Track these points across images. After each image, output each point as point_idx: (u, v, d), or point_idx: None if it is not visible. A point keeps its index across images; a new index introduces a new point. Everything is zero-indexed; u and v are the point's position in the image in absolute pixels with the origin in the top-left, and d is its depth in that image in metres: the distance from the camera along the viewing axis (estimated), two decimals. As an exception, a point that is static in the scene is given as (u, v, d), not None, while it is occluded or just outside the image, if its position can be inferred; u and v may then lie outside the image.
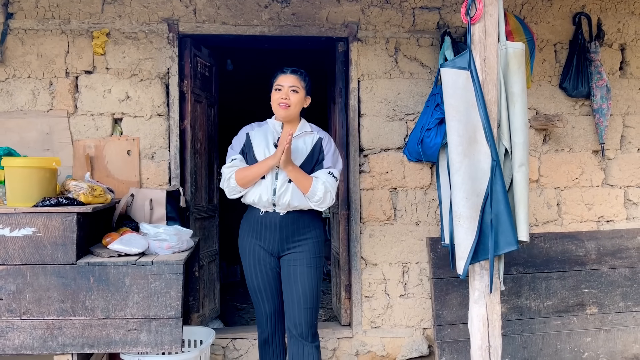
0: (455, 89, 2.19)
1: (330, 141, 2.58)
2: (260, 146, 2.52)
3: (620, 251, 3.43)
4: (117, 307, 2.38)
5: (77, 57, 3.17)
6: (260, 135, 2.56)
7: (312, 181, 2.43)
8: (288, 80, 2.51)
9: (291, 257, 2.51)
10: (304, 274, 2.49)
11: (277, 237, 2.49)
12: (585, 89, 3.48)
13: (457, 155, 2.17)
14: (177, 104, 3.24)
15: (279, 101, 2.49)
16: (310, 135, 2.57)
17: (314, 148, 2.53)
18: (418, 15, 3.42)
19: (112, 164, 3.16)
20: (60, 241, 2.37)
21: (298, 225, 2.50)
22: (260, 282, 2.55)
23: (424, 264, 3.40)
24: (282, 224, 2.48)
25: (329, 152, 2.54)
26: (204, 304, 3.50)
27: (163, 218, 2.93)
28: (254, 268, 2.54)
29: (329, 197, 2.45)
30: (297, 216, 2.50)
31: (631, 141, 3.61)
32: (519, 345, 3.23)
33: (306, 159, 2.50)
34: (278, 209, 2.48)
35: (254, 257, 2.54)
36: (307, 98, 2.59)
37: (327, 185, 2.44)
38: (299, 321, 2.49)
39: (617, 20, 3.61)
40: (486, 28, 2.18)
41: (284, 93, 2.49)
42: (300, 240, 2.51)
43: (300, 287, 2.48)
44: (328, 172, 2.48)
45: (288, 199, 2.44)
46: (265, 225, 2.50)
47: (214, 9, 3.28)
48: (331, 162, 2.53)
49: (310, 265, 2.51)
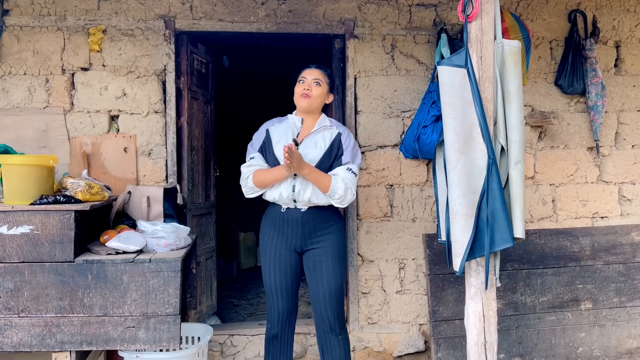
0: (452, 87, 2.20)
1: (349, 136, 2.58)
2: (279, 144, 2.51)
3: (614, 247, 3.46)
4: (115, 304, 2.39)
5: (73, 54, 3.16)
6: (281, 131, 2.56)
7: (331, 180, 2.43)
8: (312, 74, 2.55)
9: (316, 253, 2.52)
10: (329, 269, 2.51)
11: (299, 233, 2.50)
12: (580, 86, 3.50)
13: (454, 153, 2.19)
14: (174, 101, 3.24)
15: (301, 92, 2.52)
16: (329, 130, 2.56)
17: (332, 143, 2.52)
18: (414, 12, 3.43)
19: (109, 161, 3.16)
20: (58, 239, 2.38)
21: (320, 220, 2.51)
22: (278, 279, 2.54)
23: (420, 260, 3.42)
24: (304, 220, 2.49)
25: (348, 147, 2.54)
26: (201, 300, 3.51)
27: (160, 215, 2.93)
28: (273, 264, 2.54)
29: (350, 194, 2.45)
30: (318, 211, 2.51)
31: (625, 138, 3.64)
32: (515, 341, 3.26)
33: (324, 155, 2.49)
34: (299, 205, 2.49)
35: (274, 254, 2.54)
36: (330, 95, 2.62)
37: (347, 182, 2.44)
38: (327, 316, 2.52)
39: (612, 17, 3.63)
40: (483, 26, 2.19)
41: (306, 84, 2.52)
42: (323, 235, 2.52)
43: (327, 283, 2.50)
44: (346, 168, 2.48)
45: (308, 196, 2.45)
46: (287, 221, 2.51)
47: (210, 5, 3.27)
48: (350, 157, 2.53)
49: (335, 260, 2.53)
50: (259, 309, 4.48)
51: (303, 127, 2.57)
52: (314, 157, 2.47)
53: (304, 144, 2.52)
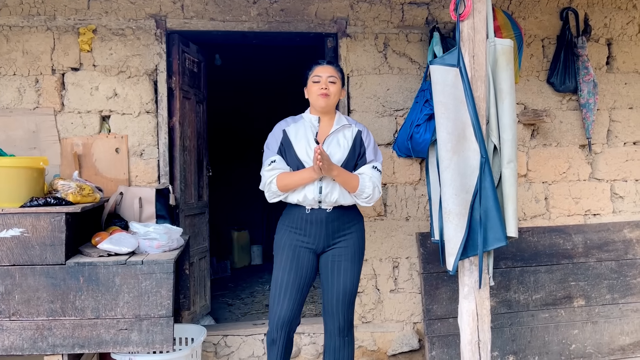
0: (444, 86, 2.20)
1: (369, 133, 2.56)
2: (302, 144, 2.45)
3: (606, 244, 3.47)
4: (108, 307, 2.37)
5: (63, 54, 3.13)
6: (299, 131, 2.49)
7: (359, 180, 2.40)
8: (326, 71, 2.48)
9: (335, 252, 2.48)
10: (347, 270, 2.47)
11: (323, 233, 2.45)
12: (572, 84, 3.51)
13: (447, 152, 2.19)
14: (166, 101, 3.22)
15: (319, 92, 2.44)
16: (349, 128, 2.52)
17: (354, 142, 2.49)
18: (407, 10, 3.42)
19: (101, 162, 3.13)
20: (49, 241, 2.36)
21: (344, 219, 2.48)
22: (291, 278, 2.45)
23: (414, 259, 3.42)
24: (329, 220, 2.44)
25: (369, 145, 2.52)
26: (194, 301, 3.49)
27: (152, 216, 2.92)
28: (290, 263, 2.46)
29: (377, 192, 2.44)
30: (343, 211, 2.47)
31: (617, 135, 3.65)
32: (508, 338, 3.27)
33: (349, 154, 2.46)
34: (324, 205, 2.43)
35: (293, 253, 2.46)
36: (343, 90, 2.57)
37: (375, 180, 2.43)
38: (339, 318, 2.49)
39: (603, 15, 3.64)
40: (475, 25, 2.19)
41: (323, 83, 2.45)
42: (345, 235, 2.48)
43: (342, 284, 2.47)
44: (372, 166, 2.46)
45: (336, 197, 2.41)
46: (312, 222, 2.45)
47: (202, 4, 3.25)
48: (373, 155, 2.51)
49: (354, 261, 2.50)
50: (253, 308, 4.47)
51: (320, 126, 2.50)
52: (340, 158, 2.43)
53: (327, 144, 2.46)
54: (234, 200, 6.69)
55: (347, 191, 2.42)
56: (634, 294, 3.43)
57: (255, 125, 5.99)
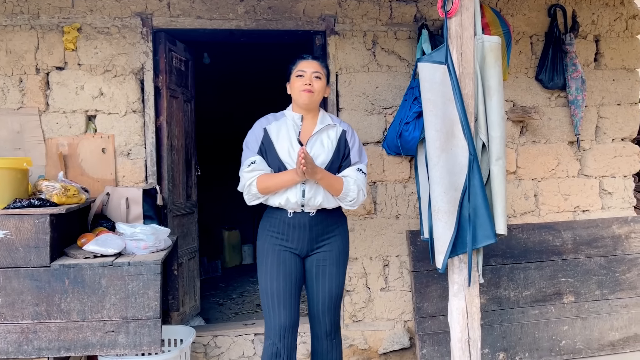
0: (433, 84, 2.18)
1: (354, 133, 2.47)
2: (284, 144, 2.35)
3: (595, 240, 3.48)
4: (94, 309, 2.34)
5: (47, 53, 3.09)
6: (281, 130, 2.38)
7: (343, 183, 2.33)
8: (310, 66, 2.38)
9: (320, 257, 2.40)
10: (332, 274, 2.41)
11: (306, 237, 2.36)
12: (560, 81, 3.52)
13: (435, 150, 2.18)
14: (153, 100, 3.18)
15: (303, 87, 2.34)
16: (333, 128, 2.42)
17: (339, 142, 2.40)
18: (395, 8, 3.41)
19: (87, 162, 3.09)
20: (33, 243, 2.32)
21: (327, 222, 2.40)
22: (282, 286, 2.34)
23: (404, 257, 3.42)
24: (312, 224, 2.36)
25: (354, 145, 2.43)
26: (184, 301, 3.47)
27: (140, 217, 2.89)
28: (276, 269, 2.35)
29: (362, 195, 2.37)
30: (326, 214, 2.39)
31: (606, 132, 3.67)
32: (499, 335, 3.27)
33: (333, 156, 2.37)
34: (307, 209, 2.35)
35: (277, 259, 2.36)
36: (328, 87, 2.48)
37: (359, 183, 2.35)
38: (325, 322, 2.43)
39: (591, 11, 3.65)
40: (462, 22, 2.18)
41: (307, 79, 2.34)
42: (329, 238, 2.41)
43: (328, 289, 2.40)
44: (357, 168, 2.38)
45: (319, 201, 2.33)
46: (294, 226, 2.35)
47: (188, 2, 3.22)
48: (358, 156, 2.43)
49: (339, 265, 2.43)
50: (244, 308, 4.45)
51: (304, 124, 2.40)
52: (324, 160, 2.34)
53: (311, 145, 2.36)
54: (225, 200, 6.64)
55: (330, 194, 2.35)
56: (623, 290, 3.44)
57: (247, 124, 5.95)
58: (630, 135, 3.71)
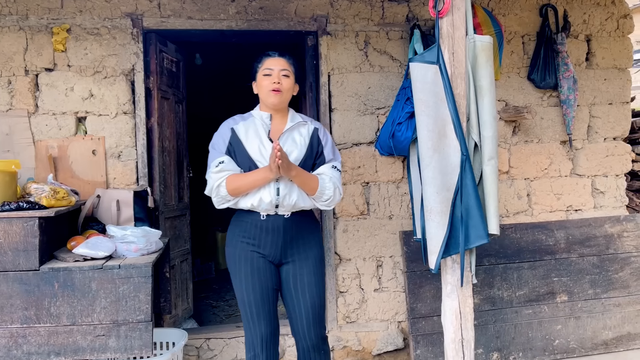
0: (424, 84, 2.18)
1: (325, 131, 2.38)
2: (254, 143, 2.23)
3: (588, 239, 3.49)
4: (84, 312, 2.32)
5: (36, 54, 3.06)
6: (250, 129, 2.26)
7: (318, 181, 2.22)
8: (278, 64, 2.26)
9: (296, 266, 2.27)
10: (311, 283, 2.28)
11: (280, 242, 2.23)
12: (552, 80, 3.52)
13: (427, 150, 2.17)
14: (144, 101, 3.16)
15: (271, 87, 2.22)
16: (304, 125, 2.33)
17: (311, 139, 2.30)
18: (387, 8, 3.40)
19: (77, 165, 3.06)
20: (22, 247, 2.30)
21: (302, 227, 2.28)
22: (258, 295, 2.23)
23: (398, 258, 3.41)
24: (286, 227, 2.23)
25: (327, 143, 2.34)
26: (176, 304, 3.44)
27: (131, 219, 2.86)
28: (250, 279, 2.22)
29: (338, 194, 2.27)
30: (301, 217, 2.27)
31: (597, 131, 3.67)
32: (492, 335, 3.27)
33: (307, 152, 2.27)
34: (281, 210, 2.22)
35: (250, 266, 2.23)
36: (296, 86, 2.35)
37: (335, 181, 2.26)
38: (311, 336, 2.28)
39: (582, 11, 3.65)
40: (454, 22, 2.17)
41: (275, 77, 2.23)
42: (304, 244, 2.29)
43: (309, 299, 2.27)
44: (331, 166, 2.29)
45: (294, 199, 2.20)
46: (267, 230, 2.22)
47: (179, 3, 3.20)
48: (332, 154, 2.33)
49: (317, 273, 2.30)
50: (237, 310, 4.42)
51: (273, 124, 2.29)
52: (297, 156, 2.23)
53: (282, 142, 2.25)
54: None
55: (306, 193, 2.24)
56: (616, 289, 3.45)
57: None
58: (622, 134, 3.72)
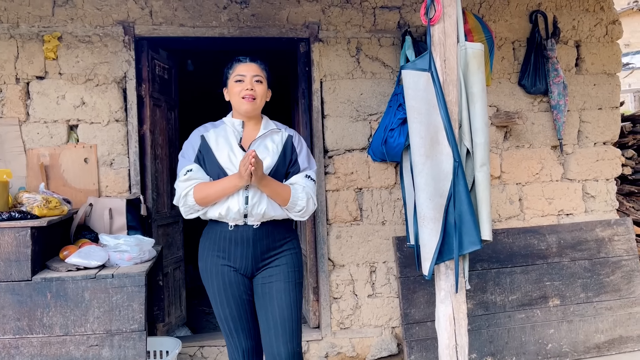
0: (416, 91, 2.19)
1: (300, 139, 2.29)
2: (224, 150, 2.14)
3: (579, 243, 3.51)
4: (77, 322, 2.30)
5: (27, 62, 3.04)
6: (220, 137, 2.18)
7: (290, 191, 2.12)
8: (250, 69, 2.17)
9: (265, 274, 2.15)
10: (280, 291, 2.12)
11: (250, 255, 2.12)
12: (543, 86, 3.55)
13: (420, 157, 2.18)
14: (136, 109, 3.15)
15: (243, 93, 2.14)
16: (277, 133, 2.24)
17: (285, 147, 2.21)
18: (379, 14, 3.42)
19: (69, 173, 3.05)
20: (14, 257, 2.28)
21: (274, 238, 2.16)
22: (234, 310, 2.15)
23: (391, 263, 3.41)
24: (256, 238, 2.12)
25: (302, 151, 2.24)
26: (169, 312, 3.43)
27: (124, 227, 2.84)
28: (224, 293, 2.14)
29: (312, 204, 2.17)
30: (272, 228, 2.15)
31: (588, 136, 3.71)
32: (486, 340, 3.28)
33: (279, 161, 2.17)
34: (251, 220, 2.11)
35: (222, 281, 2.14)
36: (269, 91, 2.27)
37: (308, 191, 2.15)
38: (279, 348, 2.09)
39: (572, 17, 3.69)
40: (445, 29, 2.19)
41: (247, 84, 2.15)
42: (276, 255, 2.17)
43: (277, 308, 2.11)
44: (305, 175, 2.19)
45: (264, 208, 2.09)
46: (236, 241, 2.12)
47: (171, 10, 3.19)
48: (307, 162, 2.24)
49: (289, 280, 2.15)
50: (230, 317, 4.40)
51: (245, 131, 2.20)
52: (269, 164, 2.13)
53: (254, 148, 2.13)
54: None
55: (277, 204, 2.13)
56: (607, 292, 3.48)
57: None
58: (611, 139, 3.75)
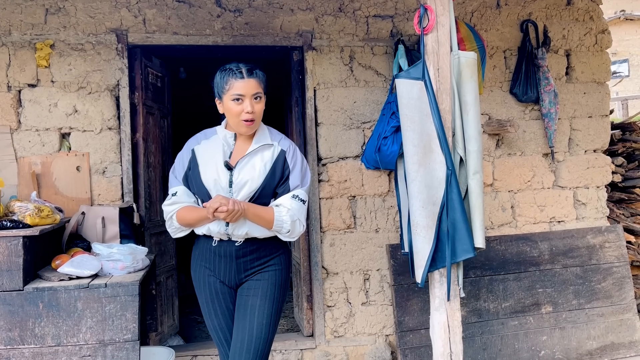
0: (410, 99, 2.21)
1: (295, 152, 2.13)
2: (208, 168, 2.06)
3: (571, 250, 3.54)
4: (69, 333, 2.28)
5: (19, 70, 3.03)
6: (209, 151, 2.10)
7: (274, 214, 2.02)
8: (249, 88, 2.01)
9: (246, 286, 2.11)
10: (255, 307, 2.06)
11: (233, 267, 2.10)
12: (534, 94, 3.59)
13: (413, 165, 2.19)
14: (129, 117, 3.14)
15: (244, 117, 2.01)
16: (269, 149, 2.09)
17: (275, 164, 2.07)
18: (372, 23, 3.44)
19: (61, 181, 3.03)
20: (6, 267, 2.26)
21: (259, 254, 2.10)
22: (222, 319, 2.13)
23: (385, 271, 3.42)
24: (239, 254, 2.08)
25: (295, 167, 2.10)
26: (162, 321, 3.40)
27: (116, 236, 2.83)
28: (212, 303, 2.13)
29: (299, 226, 2.06)
30: (258, 245, 2.10)
31: (578, 144, 3.74)
32: (479, 347, 3.29)
33: (265, 180, 2.05)
34: (234, 238, 2.08)
35: (210, 291, 2.13)
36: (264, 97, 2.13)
37: (293, 213, 2.03)
38: None
39: (562, 27, 3.74)
40: (439, 38, 2.21)
41: (247, 105, 2.00)
42: (260, 269, 2.11)
43: (248, 325, 2.04)
44: (292, 195, 2.05)
45: (245, 231, 2.04)
46: (220, 255, 2.10)
47: (164, 18, 3.20)
48: (299, 180, 2.09)
49: (266, 297, 2.08)
50: (223, 326, 4.37)
51: (237, 143, 2.11)
52: (253, 186, 2.03)
53: (240, 168, 2.04)
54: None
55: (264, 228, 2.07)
56: (599, 299, 3.50)
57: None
58: (602, 146, 3.79)
